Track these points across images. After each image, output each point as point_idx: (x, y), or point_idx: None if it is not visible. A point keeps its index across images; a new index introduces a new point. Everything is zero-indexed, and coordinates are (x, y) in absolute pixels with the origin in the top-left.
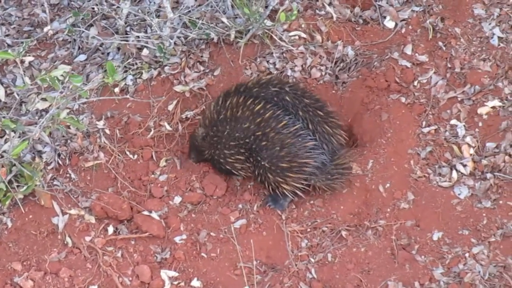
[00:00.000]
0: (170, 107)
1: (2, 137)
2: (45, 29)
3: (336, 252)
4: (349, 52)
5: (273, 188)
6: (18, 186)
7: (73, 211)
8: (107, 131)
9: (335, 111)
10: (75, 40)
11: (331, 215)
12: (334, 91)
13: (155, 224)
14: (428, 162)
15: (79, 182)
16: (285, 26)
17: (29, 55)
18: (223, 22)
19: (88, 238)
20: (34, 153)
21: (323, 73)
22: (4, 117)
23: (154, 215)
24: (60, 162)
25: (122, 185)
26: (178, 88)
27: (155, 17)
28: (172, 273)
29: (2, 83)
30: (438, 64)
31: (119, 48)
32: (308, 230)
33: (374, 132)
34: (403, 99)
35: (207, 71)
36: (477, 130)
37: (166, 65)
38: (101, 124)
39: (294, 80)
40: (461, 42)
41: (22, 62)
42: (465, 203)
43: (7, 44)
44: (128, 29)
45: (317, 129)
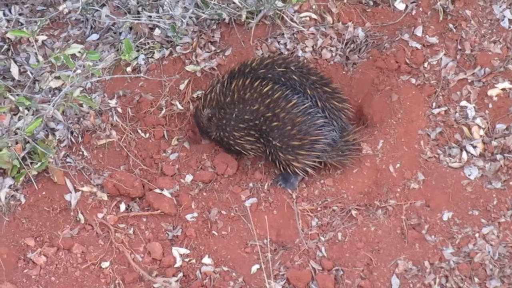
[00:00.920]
0: (182, 87)
1: (16, 114)
2: (60, 7)
3: (346, 231)
4: (359, 33)
5: (284, 166)
6: (31, 163)
7: (85, 188)
8: (119, 109)
9: (339, 86)
10: (87, 19)
11: (341, 194)
12: (344, 72)
13: (167, 201)
14: (438, 143)
15: (91, 160)
16: (296, 7)
17: (42, 34)
18: (234, 2)
19: (100, 215)
20: (47, 131)
21: (334, 54)
22: (18, 94)
23: (166, 193)
24: (73, 139)
25: (134, 163)
26: (189, 67)
27: None
28: (184, 250)
29: (15, 62)
30: (448, 46)
31: (131, 28)
32: (319, 209)
33: (384, 113)
34: (413, 80)
35: (218, 51)
36: (487, 111)
37: (177, 45)
38: (113, 102)
39: (304, 60)
40: (471, 24)
41: (36, 40)
42: (475, 184)
43: (20, 23)
44: (140, 9)
45: (326, 106)
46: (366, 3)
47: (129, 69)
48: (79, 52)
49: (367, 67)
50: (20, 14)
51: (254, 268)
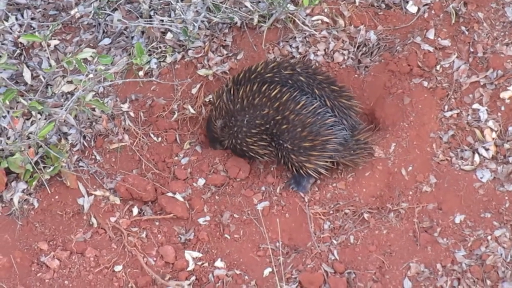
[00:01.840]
0: (194, 91)
1: (28, 119)
2: (72, 11)
3: (358, 234)
4: (371, 36)
5: (296, 168)
6: (44, 167)
7: (98, 192)
8: (132, 113)
9: (345, 85)
10: (99, 24)
11: (353, 198)
12: (356, 75)
13: (179, 205)
14: (450, 145)
15: (104, 164)
16: (308, 11)
17: (55, 39)
18: (246, 6)
19: (113, 219)
20: (60, 135)
21: (346, 58)
22: (31, 99)
23: (178, 196)
24: (86, 144)
25: (146, 167)
26: (201, 71)
27: (179, 1)
28: (196, 254)
29: (28, 66)
30: (461, 49)
31: (143, 32)
32: (331, 212)
33: (396, 116)
34: (426, 83)
35: (230, 55)
36: (499, 114)
37: (189, 49)
38: (125, 106)
39: (316, 64)
40: (483, 27)
41: (48, 45)
42: (487, 187)
43: (32, 28)
44: (152, 13)
45: (335, 104)
46: (378, 6)
47: (141, 73)
48: (91, 56)
49: (379, 70)
50: (32, 19)
51: (267, 271)
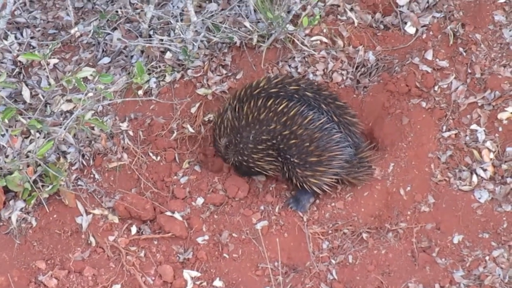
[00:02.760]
0: (193, 110)
1: (27, 137)
2: (72, 30)
3: (357, 254)
4: (370, 57)
5: (300, 183)
6: (43, 185)
7: (96, 211)
8: (131, 132)
9: (347, 102)
10: (99, 42)
11: (352, 217)
12: (355, 96)
13: (178, 224)
14: (449, 166)
15: (102, 183)
16: (307, 31)
17: (54, 58)
18: (245, 26)
19: (111, 238)
20: (58, 154)
21: (345, 78)
22: (30, 117)
23: (177, 215)
24: (84, 162)
25: (145, 186)
26: (200, 91)
27: (178, 21)
28: (195, 273)
29: (27, 85)
30: (459, 70)
31: (142, 51)
32: (329, 232)
33: (395, 136)
34: (424, 104)
35: (229, 74)
36: (497, 135)
37: (189, 68)
38: (124, 125)
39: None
40: (481, 48)
41: (48, 64)
42: (485, 207)
43: (32, 46)
44: (151, 32)
45: (341, 121)
46: (376, 27)
47: (140, 92)
48: (91, 75)
49: (378, 91)
50: (32, 38)
51: None
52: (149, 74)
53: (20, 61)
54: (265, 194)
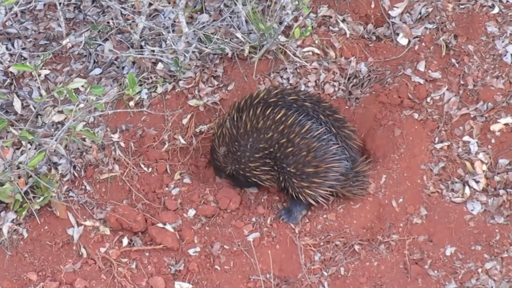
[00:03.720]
0: (185, 121)
1: (18, 148)
2: (64, 41)
3: (349, 266)
4: (362, 68)
5: (296, 193)
6: (34, 197)
7: (88, 223)
8: (122, 144)
9: (346, 116)
10: (90, 53)
11: (344, 229)
12: (347, 107)
13: (169, 236)
14: (441, 177)
15: (94, 194)
16: (299, 42)
17: (45, 68)
18: (237, 37)
19: (102, 249)
20: (50, 165)
21: (336, 89)
22: (21, 129)
23: (169, 227)
24: (76, 174)
25: (136, 197)
26: (192, 102)
27: (170, 32)
28: (186, 285)
29: (18, 96)
30: (451, 81)
31: (134, 62)
32: (321, 243)
33: (387, 148)
34: (416, 115)
35: (221, 85)
36: (489, 146)
37: (180, 79)
38: (116, 137)
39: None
40: (474, 59)
41: (39, 75)
42: (478, 219)
43: (23, 57)
44: (143, 43)
45: (339, 133)
46: (368, 38)
47: (132, 103)
48: (82, 86)
49: (370, 102)
50: (23, 49)
51: None
52: (141, 85)
53: (11, 72)
54: (257, 205)
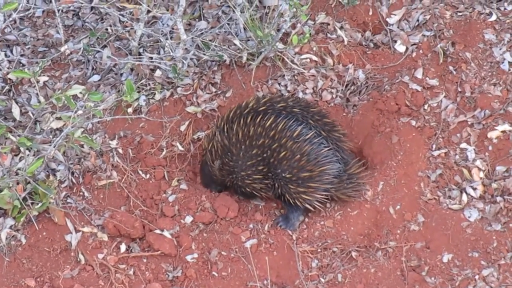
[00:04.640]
0: (182, 128)
1: (17, 155)
2: (62, 48)
3: (346, 273)
4: (360, 75)
5: (293, 199)
6: (32, 203)
7: (86, 229)
8: (120, 150)
9: (336, 120)
10: (89, 60)
11: (341, 236)
12: (344, 114)
13: (167, 242)
14: (438, 184)
15: (92, 200)
16: (297, 49)
17: (44, 75)
18: (235, 44)
19: (100, 256)
20: (48, 171)
21: (334, 96)
22: (19, 135)
23: (166, 233)
24: (74, 180)
25: (134, 204)
26: (190, 109)
27: (168, 39)
28: None
29: (17, 102)
30: (449, 88)
31: (132, 69)
32: (319, 250)
33: (384, 155)
34: (414, 122)
35: (219, 92)
36: (487, 154)
37: (178, 86)
38: (114, 143)
39: (306, 102)
40: (471, 67)
41: (37, 81)
42: (475, 226)
43: (22, 64)
44: (141, 50)
45: (329, 136)
46: (366, 45)
47: (130, 110)
48: (80, 93)
49: (368, 109)
50: (22, 55)
51: None
52: (139, 92)
53: (10, 79)
54: (254, 212)
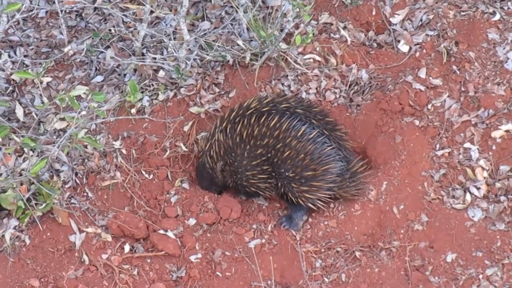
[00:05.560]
0: (186, 128)
1: (21, 156)
2: (66, 49)
3: (350, 273)
4: (363, 75)
5: (296, 198)
6: (36, 204)
7: (90, 229)
8: (124, 151)
9: (337, 119)
10: (92, 61)
11: (345, 236)
12: (348, 114)
13: (171, 242)
14: (442, 184)
15: (96, 201)
16: (300, 49)
17: (47, 76)
18: (238, 44)
19: (104, 256)
20: (52, 172)
21: (337, 96)
22: (23, 136)
23: (170, 234)
24: (78, 181)
25: (138, 204)
26: (193, 109)
27: (171, 39)
28: None
29: (20, 103)
30: (452, 88)
31: (135, 70)
32: (322, 250)
33: (388, 154)
34: (417, 122)
35: (222, 93)
36: (490, 153)
37: (182, 87)
38: (117, 144)
39: (308, 102)
40: (475, 66)
41: (41, 82)
42: (478, 225)
43: (25, 65)
44: (144, 50)
45: (332, 135)
46: (370, 45)
47: (133, 110)
48: (84, 93)
49: (371, 109)
50: (25, 56)
51: None
52: (142, 92)
53: (13, 80)
54: (258, 212)
